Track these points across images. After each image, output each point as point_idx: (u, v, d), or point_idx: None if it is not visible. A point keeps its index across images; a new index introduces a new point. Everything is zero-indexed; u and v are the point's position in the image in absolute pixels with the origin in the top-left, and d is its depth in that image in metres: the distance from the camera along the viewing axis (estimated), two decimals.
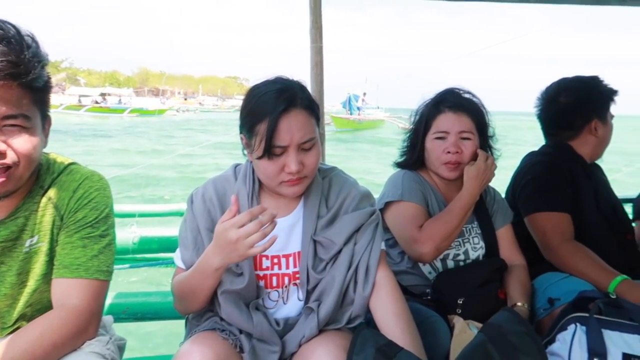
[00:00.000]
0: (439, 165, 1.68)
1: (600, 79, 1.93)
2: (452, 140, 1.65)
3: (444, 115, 1.67)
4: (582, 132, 1.90)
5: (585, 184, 1.84)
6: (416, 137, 1.74)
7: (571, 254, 1.67)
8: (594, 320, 1.34)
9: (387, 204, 1.70)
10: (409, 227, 1.61)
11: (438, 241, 1.55)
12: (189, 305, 1.35)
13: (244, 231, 1.11)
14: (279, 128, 1.20)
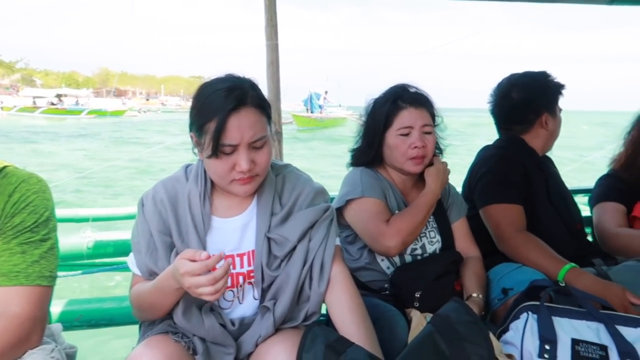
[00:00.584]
0: (405, 160, 1.68)
1: (548, 74, 1.97)
2: (416, 135, 1.66)
3: (407, 110, 1.67)
4: (533, 126, 1.95)
5: (538, 176, 1.89)
6: (373, 135, 1.73)
7: (523, 244, 1.71)
8: (544, 309, 1.37)
9: (348, 202, 1.70)
10: (375, 222, 1.61)
11: (404, 235, 1.57)
12: (148, 317, 1.32)
13: (196, 282, 1.09)
14: (228, 127, 1.18)
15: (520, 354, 1.34)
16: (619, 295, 1.50)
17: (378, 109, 1.72)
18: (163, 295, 1.22)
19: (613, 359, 1.27)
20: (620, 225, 1.94)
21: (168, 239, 1.30)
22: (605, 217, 1.99)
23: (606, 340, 1.30)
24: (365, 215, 1.65)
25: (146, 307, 1.29)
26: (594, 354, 1.28)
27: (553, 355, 1.30)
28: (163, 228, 1.30)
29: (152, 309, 1.28)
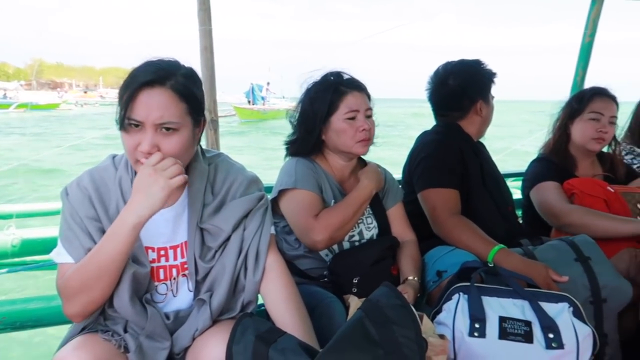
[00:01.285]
0: (353, 143, 1.69)
1: (481, 62, 2.03)
2: (362, 118, 1.69)
3: (351, 95, 1.69)
4: (469, 113, 2.01)
5: (473, 161, 1.95)
6: (314, 122, 1.71)
7: (456, 227, 1.77)
8: (474, 289, 1.42)
9: (282, 192, 1.69)
10: (304, 216, 1.61)
11: (332, 230, 1.57)
12: (93, 295, 1.18)
13: (161, 165, 1.13)
14: (137, 100, 1.14)
15: (452, 334, 1.38)
16: (542, 273, 1.57)
17: (318, 96, 1.70)
18: (115, 244, 1.13)
19: (536, 333, 1.33)
20: (565, 200, 2.03)
21: (99, 224, 1.23)
22: (549, 196, 2.06)
23: (530, 316, 1.36)
24: (296, 207, 1.64)
25: (92, 276, 1.15)
26: (519, 329, 1.34)
27: (482, 333, 1.35)
28: (94, 214, 1.23)
29: (98, 275, 1.15)
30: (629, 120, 2.71)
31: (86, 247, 1.20)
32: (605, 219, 1.89)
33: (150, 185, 1.11)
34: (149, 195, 1.12)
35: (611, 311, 1.61)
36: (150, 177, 1.12)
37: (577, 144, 2.19)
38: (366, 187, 1.69)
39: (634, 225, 1.84)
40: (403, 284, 1.62)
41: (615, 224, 1.88)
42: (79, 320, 1.24)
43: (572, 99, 2.26)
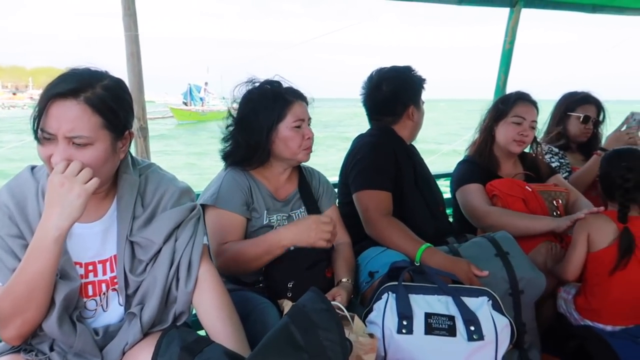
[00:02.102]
0: (300, 151, 1.72)
1: (412, 68, 2.10)
2: (306, 127, 1.73)
3: (297, 104, 1.71)
4: (401, 118, 2.08)
5: (406, 163, 2.02)
6: (261, 134, 1.69)
7: (386, 228, 1.83)
8: (402, 288, 1.49)
9: (204, 205, 1.68)
10: (214, 239, 1.64)
11: (232, 265, 1.60)
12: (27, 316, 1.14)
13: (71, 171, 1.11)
14: (49, 112, 1.11)
15: (382, 332, 1.44)
16: (465, 269, 1.66)
17: (264, 106, 1.69)
18: (40, 261, 1.10)
19: (459, 326, 1.41)
20: (486, 202, 2.15)
21: (23, 241, 1.18)
22: (471, 198, 2.17)
23: (453, 311, 1.44)
24: (211, 227, 1.66)
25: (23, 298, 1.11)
26: (444, 324, 1.42)
27: (410, 330, 1.42)
28: (17, 232, 1.18)
29: (29, 296, 1.11)
30: (547, 122, 2.90)
31: (11, 267, 1.15)
32: (521, 219, 2.03)
33: (65, 194, 1.08)
34: (65, 205, 1.09)
35: (528, 301, 1.73)
36: (63, 187, 1.08)
37: (500, 146, 2.31)
38: (282, 240, 1.61)
39: (546, 222, 1.98)
40: (337, 287, 1.66)
41: (530, 223, 2.01)
42: (18, 342, 1.20)
43: (497, 102, 2.38)
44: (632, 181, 1.77)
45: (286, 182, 1.83)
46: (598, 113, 2.79)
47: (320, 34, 8.94)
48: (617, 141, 2.61)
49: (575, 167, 2.75)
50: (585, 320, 1.84)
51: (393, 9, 63.83)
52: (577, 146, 2.84)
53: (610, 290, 1.78)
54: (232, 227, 1.66)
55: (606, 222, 1.80)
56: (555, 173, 2.45)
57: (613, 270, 1.75)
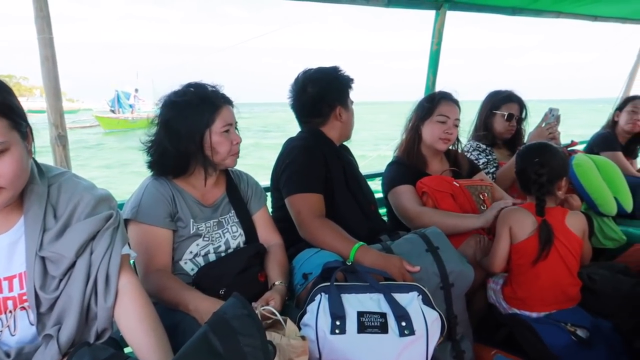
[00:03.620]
0: (228, 157, 1.69)
1: (339, 68, 2.11)
2: (234, 131, 1.70)
3: (225, 108, 1.67)
4: (329, 119, 2.08)
5: (336, 165, 2.03)
6: (191, 140, 1.63)
7: (319, 229, 1.83)
8: (334, 288, 1.48)
9: (125, 220, 1.62)
10: (142, 261, 1.59)
11: (156, 297, 1.52)
12: None
13: None
14: None
15: (316, 333, 1.43)
16: (397, 265, 1.69)
17: (192, 111, 1.63)
18: None
19: (391, 323, 1.43)
20: (417, 203, 2.20)
21: None
22: (403, 200, 2.23)
23: (385, 308, 1.46)
24: (136, 245, 1.59)
25: None
26: (376, 321, 1.42)
27: (343, 330, 1.42)
28: None
29: None
30: (474, 120, 3.02)
31: None
32: (450, 218, 2.09)
33: None
34: None
35: (459, 294, 1.78)
36: None
37: (427, 144, 2.38)
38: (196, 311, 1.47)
39: (473, 221, 2.06)
40: (270, 290, 1.64)
41: (458, 221, 2.08)
42: None
43: (422, 102, 2.45)
44: (545, 176, 1.86)
45: (213, 187, 1.79)
46: (520, 111, 2.93)
47: (254, 36, 8.87)
48: (538, 137, 2.75)
49: (502, 162, 2.88)
50: (513, 308, 1.92)
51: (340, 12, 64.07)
52: (503, 142, 2.98)
53: (534, 280, 1.86)
54: (157, 244, 1.60)
55: (525, 215, 1.89)
56: (479, 170, 2.56)
57: (535, 261, 1.84)
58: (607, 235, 2.72)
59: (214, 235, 1.72)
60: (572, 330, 1.78)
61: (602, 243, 2.70)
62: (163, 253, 1.61)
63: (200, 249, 1.69)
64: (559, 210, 1.92)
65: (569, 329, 1.79)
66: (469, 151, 2.88)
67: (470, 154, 2.85)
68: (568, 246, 1.85)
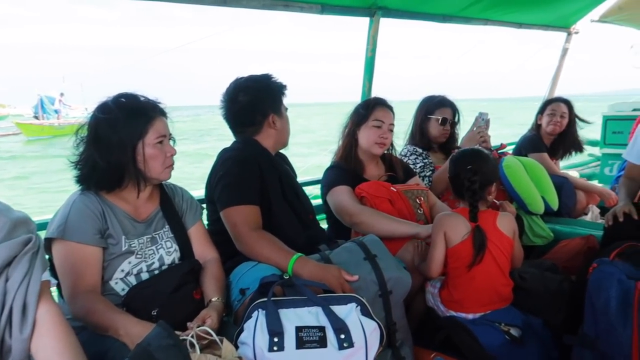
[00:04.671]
0: (163, 169, 1.63)
1: (271, 75, 2.07)
2: (168, 143, 1.64)
3: (159, 120, 1.61)
4: (263, 127, 2.04)
5: (272, 175, 1.99)
6: (123, 152, 1.55)
7: (257, 242, 1.78)
8: (271, 304, 1.45)
9: (51, 239, 1.51)
10: (69, 281, 1.49)
11: (83, 321, 1.45)
12: None
13: None
14: None
15: (254, 352, 1.39)
16: (336, 275, 1.67)
17: (124, 122, 1.54)
18: None
19: (329, 336, 1.41)
20: (357, 201, 2.22)
21: None
22: (342, 198, 2.24)
23: (324, 321, 1.44)
24: (62, 264, 1.50)
25: None
26: (314, 336, 1.40)
27: (281, 346, 1.38)
28: None
29: None
30: (411, 124, 3.09)
31: None
32: (388, 221, 2.12)
33: None
34: None
35: (397, 300, 1.79)
36: None
37: (363, 149, 2.41)
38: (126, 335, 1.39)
39: (409, 227, 2.10)
40: (206, 308, 1.58)
41: (395, 226, 2.11)
42: None
43: (358, 108, 2.48)
44: (477, 182, 1.92)
45: (146, 202, 1.71)
46: (454, 115, 3.02)
47: (199, 38, 8.69)
48: (470, 140, 2.85)
49: (438, 165, 2.95)
50: (450, 311, 1.96)
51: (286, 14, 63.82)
52: (438, 146, 3.06)
53: (469, 282, 1.91)
54: (86, 262, 1.50)
55: (459, 219, 1.93)
56: (415, 174, 2.62)
57: (471, 265, 1.88)
58: (536, 233, 2.85)
59: (147, 252, 1.64)
60: (506, 330, 1.84)
61: (531, 241, 2.83)
62: (92, 273, 1.52)
63: (132, 267, 1.60)
64: (490, 213, 1.98)
65: (502, 328, 1.84)
66: (406, 155, 2.93)
67: (408, 158, 2.90)
68: (500, 248, 1.91)
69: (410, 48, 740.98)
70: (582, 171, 5.21)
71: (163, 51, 3.35)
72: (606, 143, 4.64)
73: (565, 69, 5.10)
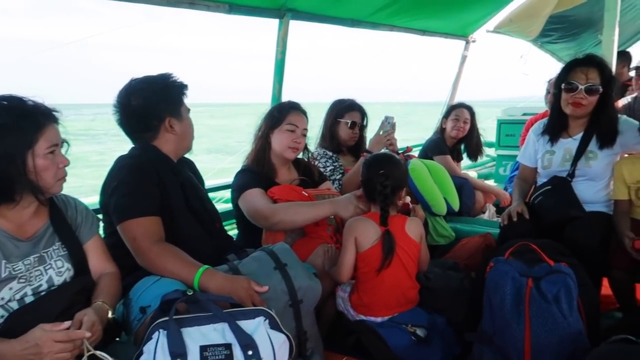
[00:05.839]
0: (54, 182, 1.47)
1: (169, 76, 1.91)
2: (59, 152, 1.48)
3: (50, 127, 1.44)
4: (159, 132, 1.88)
5: (173, 183, 1.86)
6: (11, 164, 1.37)
7: (159, 255, 1.67)
8: (172, 323, 1.36)
9: None
10: None
11: None
12: None
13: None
14: None
15: None
16: (245, 287, 1.61)
17: (9, 126, 1.36)
18: None
19: (236, 354, 1.35)
20: (270, 202, 2.18)
21: None
22: (255, 201, 2.19)
23: (230, 338, 1.37)
24: None
25: None
26: (220, 354, 1.34)
27: None
28: None
29: None
30: (321, 127, 3.10)
31: None
32: (305, 209, 2.15)
33: None
34: None
35: (308, 309, 1.77)
36: None
37: (276, 152, 2.38)
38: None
39: (325, 206, 2.14)
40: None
41: (313, 211, 2.15)
42: None
43: (272, 111, 2.45)
44: (389, 187, 1.96)
45: (33, 217, 1.52)
46: (362, 118, 3.08)
47: (105, 31, 8.06)
48: (377, 144, 2.92)
49: (348, 168, 3.00)
50: (360, 315, 1.99)
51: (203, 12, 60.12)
52: (347, 149, 3.11)
53: (378, 286, 1.95)
54: None
55: (370, 224, 1.96)
56: (326, 179, 2.64)
57: (380, 269, 1.92)
58: (439, 233, 3.00)
59: (32, 274, 1.46)
60: (412, 331, 1.89)
61: (435, 240, 2.97)
62: None
63: (14, 294, 1.41)
64: (399, 217, 2.03)
65: (409, 329, 1.90)
66: (316, 158, 2.93)
67: (319, 162, 2.91)
68: (408, 252, 1.97)
69: (325, 50, 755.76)
70: (479, 171, 5.59)
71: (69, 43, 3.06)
72: (500, 145, 5.01)
73: (465, 75, 5.44)
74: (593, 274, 2.07)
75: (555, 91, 2.48)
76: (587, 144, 2.40)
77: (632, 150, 2.42)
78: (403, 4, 3.55)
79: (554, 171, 2.48)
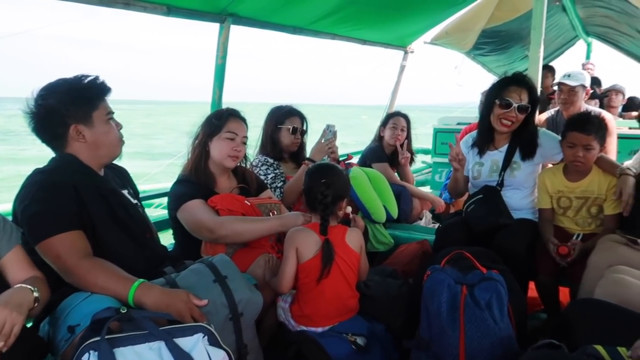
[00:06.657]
0: None
1: (83, 78, 1.76)
2: None
3: None
4: (67, 140, 1.74)
5: (94, 196, 1.73)
6: None
7: (89, 271, 1.57)
8: (104, 343, 1.29)
9: None
10: None
11: None
12: None
13: None
14: None
15: None
16: (184, 300, 1.54)
17: None
18: None
19: None
20: (214, 214, 2.13)
21: None
22: (198, 214, 2.12)
23: (167, 357, 1.32)
24: None
25: None
26: None
27: None
28: None
29: None
30: (261, 135, 3.06)
31: None
32: (252, 224, 2.14)
33: None
34: None
35: (248, 322, 1.74)
36: None
37: (215, 161, 2.32)
38: None
39: (273, 223, 2.16)
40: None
41: (261, 226, 2.14)
42: None
43: (210, 119, 2.37)
44: (330, 197, 1.97)
45: None
46: (302, 123, 3.08)
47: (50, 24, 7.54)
48: (319, 152, 2.92)
49: (289, 175, 2.98)
50: (301, 325, 1.98)
51: None
52: (289, 156, 3.09)
53: (319, 296, 1.95)
54: None
55: (310, 234, 1.96)
56: (266, 187, 2.61)
57: (319, 279, 1.92)
58: (379, 240, 3.06)
59: None
60: (352, 340, 1.91)
61: (375, 247, 3.03)
62: None
63: None
64: (339, 228, 2.04)
65: (349, 338, 1.91)
66: (257, 166, 2.90)
67: (259, 169, 2.88)
68: (348, 262, 1.98)
69: (274, 50, 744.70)
70: (416, 177, 5.76)
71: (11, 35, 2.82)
72: (436, 153, 5.19)
73: (404, 84, 5.60)
74: (521, 278, 2.20)
75: (485, 106, 2.63)
76: (512, 156, 2.58)
77: (552, 160, 2.63)
78: (344, 13, 3.60)
79: (483, 181, 2.64)
